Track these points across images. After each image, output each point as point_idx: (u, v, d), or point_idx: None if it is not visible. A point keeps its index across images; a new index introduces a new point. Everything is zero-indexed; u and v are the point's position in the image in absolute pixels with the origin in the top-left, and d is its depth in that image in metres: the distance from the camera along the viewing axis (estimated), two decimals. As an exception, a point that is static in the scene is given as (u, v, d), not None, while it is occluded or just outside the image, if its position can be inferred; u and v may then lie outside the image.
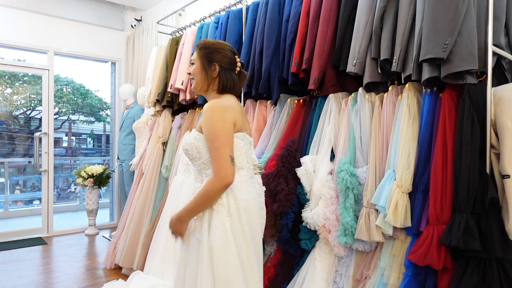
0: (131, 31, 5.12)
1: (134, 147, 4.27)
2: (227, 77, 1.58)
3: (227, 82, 1.58)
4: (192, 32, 3.44)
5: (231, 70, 1.60)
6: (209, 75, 1.58)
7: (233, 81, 1.60)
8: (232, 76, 1.60)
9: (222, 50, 1.59)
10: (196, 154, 1.53)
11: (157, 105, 3.69)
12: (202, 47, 1.60)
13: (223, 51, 1.59)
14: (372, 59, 2.01)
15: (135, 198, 3.44)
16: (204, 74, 1.58)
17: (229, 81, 1.59)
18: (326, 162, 2.15)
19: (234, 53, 1.62)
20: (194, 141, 1.53)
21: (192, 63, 1.62)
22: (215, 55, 1.58)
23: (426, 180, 1.79)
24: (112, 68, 5.33)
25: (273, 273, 2.31)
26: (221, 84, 1.59)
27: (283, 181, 2.18)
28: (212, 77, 1.58)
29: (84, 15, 4.88)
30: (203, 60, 1.58)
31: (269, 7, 2.55)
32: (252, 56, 2.67)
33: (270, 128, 2.58)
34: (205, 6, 3.85)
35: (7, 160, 6.89)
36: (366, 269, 1.98)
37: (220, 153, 1.44)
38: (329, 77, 2.24)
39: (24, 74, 6.63)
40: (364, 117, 2.08)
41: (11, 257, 3.77)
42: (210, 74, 1.58)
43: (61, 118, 9.63)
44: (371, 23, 2.01)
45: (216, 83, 1.59)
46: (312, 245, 2.19)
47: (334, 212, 2.05)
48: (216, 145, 1.44)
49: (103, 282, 3.00)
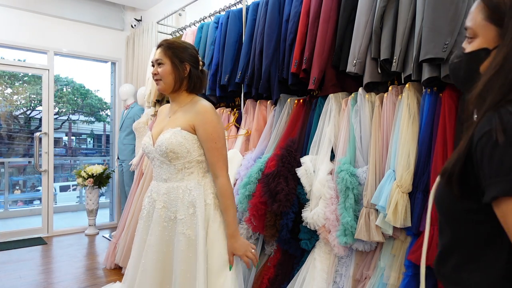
0: (131, 31, 5.12)
1: (134, 147, 4.27)
2: (197, 76, 1.60)
3: (196, 80, 1.60)
4: (192, 32, 3.44)
5: (197, 68, 1.61)
6: (180, 75, 1.56)
7: (200, 80, 1.62)
8: (199, 75, 1.61)
9: (189, 49, 1.60)
10: (185, 153, 1.52)
11: (157, 105, 3.70)
12: (168, 47, 1.57)
13: (190, 49, 1.60)
14: (372, 59, 2.01)
15: (135, 198, 3.44)
16: (176, 74, 1.56)
17: (197, 79, 1.61)
18: (326, 162, 2.15)
19: (197, 51, 1.64)
20: (183, 140, 1.51)
21: (159, 63, 1.57)
22: (184, 54, 1.57)
23: (426, 180, 1.78)
24: (112, 68, 5.33)
25: (273, 273, 2.31)
26: (192, 83, 1.60)
27: (283, 181, 2.18)
28: (183, 77, 1.57)
29: (84, 15, 4.88)
30: (174, 59, 1.55)
31: (269, 7, 2.55)
32: (252, 56, 2.67)
33: (270, 128, 2.59)
34: (205, 6, 3.85)
35: (7, 160, 6.89)
36: (366, 269, 1.98)
37: (222, 153, 1.53)
38: (329, 77, 2.24)
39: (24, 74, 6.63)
40: (364, 117, 2.08)
41: (11, 257, 3.77)
42: (182, 73, 1.56)
43: (61, 118, 9.64)
44: (371, 23, 2.01)
45: (186, 82, 1.60)
46: (312, 245, 2.19)
47: (334, 212, 2.05)
48: (218, 145, 1.52)
49: (103, 282, 3.00)
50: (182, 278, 1.47)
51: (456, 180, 0.66)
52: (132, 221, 3.32)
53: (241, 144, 2.76)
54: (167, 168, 1.55)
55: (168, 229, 1.53)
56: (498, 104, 0.63)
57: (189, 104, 1.60)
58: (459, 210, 0.70)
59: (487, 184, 0.61)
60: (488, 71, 0.66)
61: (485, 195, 0.61)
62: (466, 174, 0.65)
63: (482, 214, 0.65)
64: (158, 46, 1.61)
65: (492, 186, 0.60)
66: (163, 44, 1.59)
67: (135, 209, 3.36)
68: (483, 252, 0.68)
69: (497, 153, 0.59)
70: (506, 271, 0.64)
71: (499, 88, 0.63)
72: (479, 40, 0.72)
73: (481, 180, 0.62)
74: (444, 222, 0.76)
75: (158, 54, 1.58)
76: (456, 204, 0.69)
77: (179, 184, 1.54)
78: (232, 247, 1.52)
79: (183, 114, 1.57)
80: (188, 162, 1.54)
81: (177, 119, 1.57)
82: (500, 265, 0.65)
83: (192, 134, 1.53)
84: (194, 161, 1.55)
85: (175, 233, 1.52)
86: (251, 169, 2.39)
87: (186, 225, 1.50)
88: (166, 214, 1.55)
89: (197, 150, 1.54)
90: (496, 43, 0.68)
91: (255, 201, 2.26)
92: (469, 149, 0.64)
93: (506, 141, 0.58)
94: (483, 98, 0.65)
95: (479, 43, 0.71)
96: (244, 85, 2.76)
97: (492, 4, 0.69)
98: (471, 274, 0.69)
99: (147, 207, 1.63)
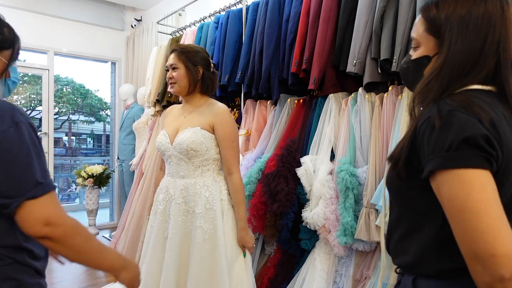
0: (131, 31, 5.12)
1: (134, 147, 4.27)
2: (209, 78, 1.70)
3: (209, 82, 1.70)
4: (192, 32, 3.44)
5: (209, 70, 1.70)
6: (194, 77, 1.65)
7: (212, 81, 1.72)
8: (211, 76, 1.71)
9: (200, 52, 1.69)
10: (204, 151, 1.62)
11: (157, 105, 3.69)
12: (182, 52, 1.66)
13: (201, 53, 1.70)
14: (372, 59, 2.01)
15: (135, 198, 3.44)
16: (191, 77, 1.65)
17: (210, 81, 1.70)
18: (326, 162, 2.15)
19: (208, 54, 1.73)
20: (203, 139, 1.61)
21: (173, 67, 1.66)
22: (197, 58, 1.66)
23: (426, 180, 1.78)
24: (112, 68, 5.33)
25: (273, 273, 2.31)
26: (205, 85, 1.69)
27: (283, 181, 2.18)
28: (197, 79, 1.66)
29: (84, 15, 4.88)
30: (188, 63, 1.64)
31: (269, 7, 2.55)
32: (252, 56, 2.67)
33: (270, 128, 2.59)
34: (205, 6, 3.85)
35: (7, 160, 6.88)
36: (366, 269, 1.98)
37: (236, 151, 1.65)
38: (329, 77, 2.24)
39: (24, 74, 6.63)
40: (364, 117, 2.08)
41: (11, 257, 3.77)
42: (196, 76, 1.65)
43: (61, 118, 9.63)
44: (371, 23, 2.01)
45: (199, 85, 1.69)
46: (312, 245, 2.20)
47: (334, 212, 2.05)
48: (235, 144, 1.64)
49: (103, 282, 3.00)
50: (198, 269, 1.55)
51: (403, 163, 0.76)
52: (132, 221, 3.32)
53: (241, 144, 2.76)
54: (185, 165, 1.64)
55: (187, 223, 1.63)
56: (438, 99, 0.75)
57: (205, 106, 1.70)
58: (403, 188, 0.81)
59: (426, 161, 0.71)
60: (428, 74, 0.79)
61: (424, 171, 0.72)
62: (410, 157, 0.75)
63: (422, 189, 0.75)
64: (171, 52, 1.69)
65: (429, 162, 0.70)
66: (176, 49, 1.68)
67: (135, 209, 3.36)
68: (421, 224, 0.78)
69: (434, 135, 0.70)
70: (437, 236, 0.75)
71: (437, 89, 0.77)
72: (422, 49, 0.84)
73: (421, 159, 0.73)
74: (392, 201, 0.87)
75: (172, 59, 1.67)
76: (401, 184, 0.80)
77: (196, 180, 1.64)
78: (244, 240, 1.63)
79: (199, 115, 1.67)
80: (206, 160, 1.64)
81: (194, 119, 1.67)
82: (433, 233, 0.76)
83: (210, 134, 1.63)
84: (211, 159, 1.65)
85: (194, 226, 1.60)
86: (251, 169, 2.39)
87: (204, 219, 1.59)
88: (185, 209, 1.63)
89: (214, 149, 1.65)
90: (435, 51, 0.81)
91: (255, 201, 2.26)
92: (414, 135, 0.75)
93: (441, 125, 0.69)
94: (424, 96, 0.78)
95: (422, 51, 0.84)
96: (244, 85, 2.76)
97: (429, 18, 0.82)
98: (412, 245, 0.80)
99: (162, 203, 1.70)
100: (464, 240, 0.67)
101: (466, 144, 0.67)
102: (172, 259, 1.59)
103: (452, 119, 0.69)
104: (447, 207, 0.69)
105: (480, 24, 0.76)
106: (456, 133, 0.67)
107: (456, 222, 0.68)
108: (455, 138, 0.67)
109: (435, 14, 0.81)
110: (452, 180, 0.68)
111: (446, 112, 0.70)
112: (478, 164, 0.67)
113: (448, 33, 0.78)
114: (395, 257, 0.86)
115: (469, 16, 0.77)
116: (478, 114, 0.69)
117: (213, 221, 1.59)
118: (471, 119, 0.68)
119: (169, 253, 1.60)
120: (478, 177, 0.67)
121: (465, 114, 0.69)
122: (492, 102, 0.74)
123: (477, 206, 0.65)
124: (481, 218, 0.65)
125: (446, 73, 0.77)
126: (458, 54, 0.76)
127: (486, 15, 0.76)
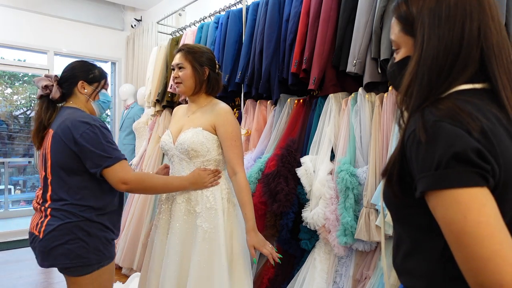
0: (131, 31, 5.12)
1: (134, 147, 4.27)
2: (214, 78, 1.69)
3: (214, 83, 1.69)
4: (192, 32, 3.44)
5: (214, 71, 1.69)
6: (200, 78, 1.65)
7: (218, 82, 1.71)
8: (216, 77, 1.70)
9: (206, 53, 1.69)
10: (205, 152, 1.61)
11: (157, 105, 3.69)
12: (189, 51, 1.65)
13: (208, 53, 1.69)
14: (372, 59, 2.01)
15: (135, 198, 3.44)
16: (197, 78, 1.64)
17: (215, 82, 1.70)
18: (326, 162, 2.15)
19: (213, 55, 1.73)
20: (204, 140, 1.60)
21: (180, 67, 1.65)
22: (203, 58, 1.66)
23: (426, 180, 1.78)
24: (112, 68, 5.33)
25: (273, 273, 2.31)
26: (210, 85, 1.69)
27: (283, 181, 2.18)
28: (203, 80, 1.66)
29: (84, 15, 4.88)
30: (194, 63, 1.63)
31: (269, 7, 2.55)
32: (252, 56, 2.67)
33: (270, 128, 2.59)
34: (205, 6, 3.85)
35: (7, 160, 6.89)
36: (366, 269, 1.98)
37: (240, 151, 1.63)
38: (329, 77, 2.24)
39: (24, 74, 6.63)
40: (364, 117, 2.08)
41: (11, 257, 3.77)
42: (202, 77, 1.65)
43: (61, 118, 9.63)
44: (371, 23, 2.01)
45: (205, 85, 1.68)
46: (312, 245, 2.19)
47: (334, 212, 2.05)
48: (237, 143, 1.62)
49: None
50: (198, 268, 1.54)
51: (396, 180, 0.70)
52: (132, 221, 3.32)
53: (241, 144, 2.76)
54: (187, 165, 1.64)
55: (188, 222, 1.62)
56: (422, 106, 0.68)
57: (208, 106, 1.69)
58: (401, 205, 0.74)
59: (417, 180, 0.65)
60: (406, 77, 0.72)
61: (416, 190, 0.66)
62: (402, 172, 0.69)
63: (419, 207, 0.68)
64: (178, 51, 1.68)
65: (419, 182, 0.64)
66: (183, 49, 1.67)
67: (135, 209, 3.36)
68: (423, 242, 0.72)
69: (421, 151, 0.63)
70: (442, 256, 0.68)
71: (418, 93, 0.69)
72: (402, 50, 0.78)
73: (414, 175, 0.67)
74: (393, 218, 0.82)
75: (178, 59, 1.66)
76: (397, 201, 0.73)
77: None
78: (253, 241, 1.56)
79: (202, 115, 1.67)
80: (207, 160, 1.64)
81: (197, 119, 1.67)
82: (437, 252, 0.69)
83: (212, 134, 1.63)
84: (213, 159, 1.65)
85: (194, 225, 1.60)
86: (251, 169, 2.39)
87: (204, 218, 1.59)
88: (186, 208, 1.64)
89: (216, 150, 1.64)
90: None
91: (255, 201, 2.25)
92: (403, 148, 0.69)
93: (427, 139, 0.63)
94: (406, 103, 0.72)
95: (403, 53, 0.78)
96: (244, 85, 2.76)
97: (402, 17, 0.75)
98: (415, 263, 0.74)
99: (166, 202, 1.71)
100: (467, 268, 0.60)
101: (456, 161, 0.60)
102: (173, 258, 1.59)
103: (438, 131, 0.62)
104: (444, 231, 0.63)
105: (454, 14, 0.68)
106: (444, 148, 0.61)
107: (457, 249, 0.61)
108: (443, 154, 0.60)
109: (406, 11, 0.74)
110: (445, 202, 0.61)
111: (431, 124, 0.63)
112: (472, 182, 0.59)
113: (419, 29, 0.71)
114: (400, 275, 0.81)
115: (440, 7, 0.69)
116: (466, 124, 0.61)
117: (213, 220, 1.59)
118: (459, 132, 0.61)
119: (170, 252, 1.60)
120: (473, 196, 0.59)
121: (451, 125, 0.62)
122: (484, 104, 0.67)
123: (477, 230, 0.58)
124: (483, 243, 0.57)
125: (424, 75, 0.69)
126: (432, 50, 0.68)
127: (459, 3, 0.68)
